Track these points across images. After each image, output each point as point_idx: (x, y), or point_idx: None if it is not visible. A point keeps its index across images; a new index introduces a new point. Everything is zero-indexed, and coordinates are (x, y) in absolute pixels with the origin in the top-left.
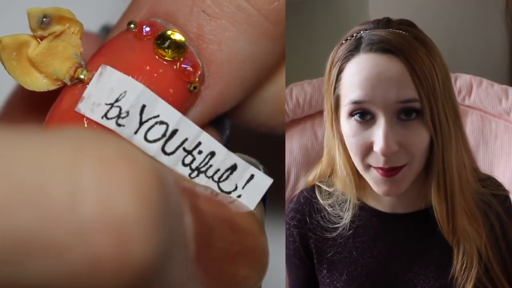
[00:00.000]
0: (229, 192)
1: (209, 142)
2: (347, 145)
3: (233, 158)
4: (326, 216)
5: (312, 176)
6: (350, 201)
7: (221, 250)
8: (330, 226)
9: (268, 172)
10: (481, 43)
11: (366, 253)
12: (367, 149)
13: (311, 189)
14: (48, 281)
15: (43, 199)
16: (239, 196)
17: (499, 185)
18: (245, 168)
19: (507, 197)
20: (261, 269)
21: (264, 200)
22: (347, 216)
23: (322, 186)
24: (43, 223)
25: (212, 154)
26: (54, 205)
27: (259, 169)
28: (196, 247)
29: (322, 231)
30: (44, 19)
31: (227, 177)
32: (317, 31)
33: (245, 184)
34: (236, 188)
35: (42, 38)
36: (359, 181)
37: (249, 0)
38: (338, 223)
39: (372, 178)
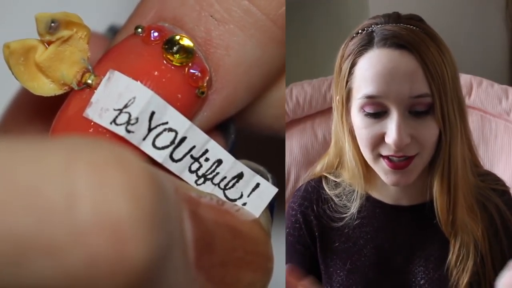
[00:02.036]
0: (235, 200)
1: (216, 150)
2: (357, 136)
3: (240, 166)
4: (333, 206)
5: (319, 167)
6: (357, 191)
7: (223, 256)
8: (336, 216)
9: (275, 181)
10: (481, 43)
11: (369, 243)
12: (378, 140)
13: (318, 179)
14: (46, 282)
15: (40, 202)
16: (244, 204)
17: (497, 180)
18: (251, 176)
19: (505, 191)
20: (266, 275)
21: (271, 209)
22: (354, 207)
23: (329, 176)
24: (40, 225)
25: (219, 162)
26: (51, 207)
27: (267, 178)
28: (196, 252)
29: (328, 220)
30: (52, 24)
31: (233, 185)
32: (317, 31)
33: (250, 193)
34: (241, 196)
35: (49, 42)
36: (367, 172)
37: (257, 4)
38: (345, 213)
39: (382, 169)
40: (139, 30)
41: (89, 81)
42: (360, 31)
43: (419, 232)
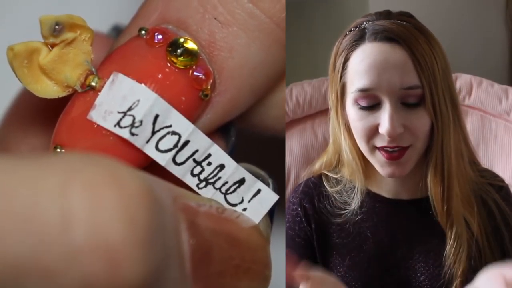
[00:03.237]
0: (235, 205)
1: (219, 154)
2: (353, 130)
3: (242, 172)
4: (333, 202)
5: (318, 165)
6: (358, 187)
7: (220, 265)
8: (337, 212)
9: (276, 186)
10: (481, 43)
11: (368, 239)
12: (373, 132)
13: (318, 177)
14: None
15: (35, 225)
16: (244, 209)
17: (495, 176)
18: (253, 182)
19: (503, 186)
20: (263, 283)
21: (271, 214)
22: (355, 202)
23: (329, 174)
24: (36, 248)
25: (222, 166)
26: (46, 230)
27: (268, 183)
28: (192, 263)
29: (328, 216)
30: (56, 27)
31: (234, 190)
32: (317, 31)
33: (251, 198)
34: (242, 201)
35: (52, 45)
36: (365, 166)
37: (261, 7)
38: (345, 209)
39: (378, 161)
40: (143, 32)
41: (93, 84)
42: (353, 28)
43: (419, 226)
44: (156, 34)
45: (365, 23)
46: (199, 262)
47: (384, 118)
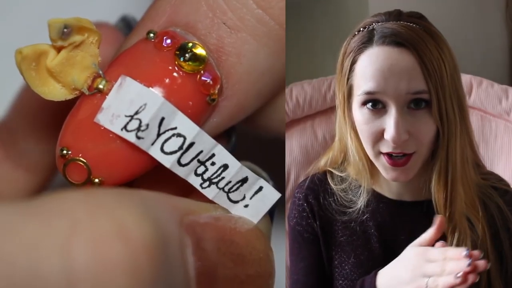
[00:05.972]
0: (237, 202)
1: (223, 154)
2: (359, 133)
3: (245, 171)
4: (338, 200)
5: (323, 162)
6: (364, 187)
7: (225, 284)
8: (342, 210)
9: (275, 186)
10: (481, 43)
11: (372, 238)
12: (378, 136)
13: (323, 173)
14: None
15: (40, 285)
16: (246, 206)
17: (500, 180)
18: (255, 180)
19: (508, 191)
20: None
21: (271, 212)
22: (361, 201)
23: (334, 171)
24: None
25: (225, 166)
26: None
27: (268, 183)
28: (198, 286)
29: (333, 213)
30: (65, 30)
31: (237, 188)
32: (317, 31)
33: (253, 195)
34: (244, 197)
35: (60, 47)
36: (371, 167)
37: (271, 13)
38: (351, 207)
39: (382, 165)
40: (151, 35)
41: (100, 86)
42: (361, 28)
43: (422, 228)
44: (165, 38)
45: (374, 24)
46: (205, 284)
47: (389, 124)
